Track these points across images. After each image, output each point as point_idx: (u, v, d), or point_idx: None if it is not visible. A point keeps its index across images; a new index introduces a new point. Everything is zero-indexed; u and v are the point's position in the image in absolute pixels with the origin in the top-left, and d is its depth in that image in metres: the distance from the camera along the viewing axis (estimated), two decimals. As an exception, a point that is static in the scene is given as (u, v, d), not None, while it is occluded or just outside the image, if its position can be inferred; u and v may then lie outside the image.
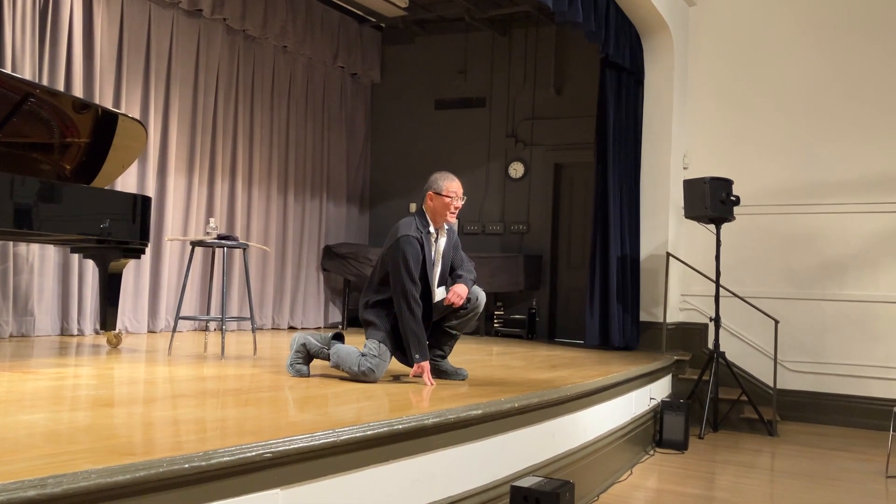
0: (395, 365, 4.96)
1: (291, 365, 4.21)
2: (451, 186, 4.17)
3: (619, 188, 7.46)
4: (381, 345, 4.06)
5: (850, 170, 7.28)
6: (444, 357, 4.36)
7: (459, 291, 4.15)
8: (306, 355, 4.24)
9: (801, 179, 7.47)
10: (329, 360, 4.16)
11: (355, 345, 4.19)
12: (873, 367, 7.04)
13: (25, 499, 1.72)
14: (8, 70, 5.86)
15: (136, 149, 5.67)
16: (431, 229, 4.17)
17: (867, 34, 7.29)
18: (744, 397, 6.62)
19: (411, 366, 4.10)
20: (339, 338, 4.22)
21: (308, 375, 4.20)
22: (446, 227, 4.29)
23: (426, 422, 2.95)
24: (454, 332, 4.31)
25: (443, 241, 4.26)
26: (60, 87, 6.34)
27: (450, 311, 4.24)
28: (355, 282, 9.16)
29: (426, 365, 4.04)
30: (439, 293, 4.21)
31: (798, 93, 7.53)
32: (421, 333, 4.03)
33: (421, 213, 4.20)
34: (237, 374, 4.28)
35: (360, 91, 9.96)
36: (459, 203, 4.20)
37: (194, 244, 5.49)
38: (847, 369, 7.14)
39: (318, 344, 4.21)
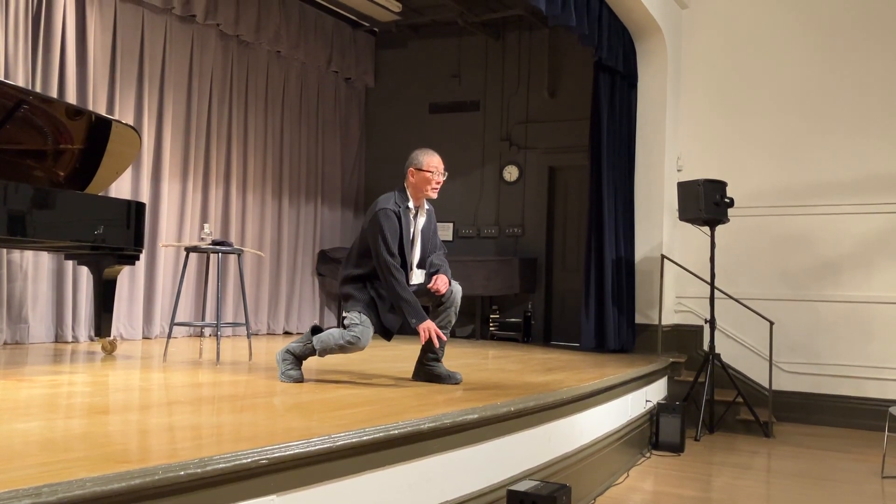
0: (396, 369, 4.95)
1: (283, 373, 4.21)
2: (431, 162, 4.22)
3: (613, 191, 7.48)
4: (362, 314, 4.10)
5: (843, 171, 7.31)
6: (438, 360, 4.35)
7: (444, 279, 4.20)
8: (294, 360, 4.24)
9: (795, 181, 7.49)
10: (319, 355, 4.17)
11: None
12: (868, 368, 7.06)
13: (20, 508, 1.72)
14: (1, 77, 5.84)
15: (129, 155, 5.66)
16: (411, 205, 4.21)
17: (859, 35, 7.32)
18: (739, 399, 6.63)
19: (390, 338, 4.18)
20: (317, 330, 4.25)
21: (302, 380, 4.19)
22: (426, 207, 4.32)
23: (422, 426, 2.95)
24: (439, 327, 4.29)
25: (422, 219, 4.30)
26: (54, 93, 6.33)
27: (429, 300, 4.24)
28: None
29: (428, 324, 4.05)
30: (417, 275, 4.24)
31: (791, 94, 7.56)
32: (411, 298, 4.06)
33: (402, 190, 4.24)
34: (232, 381, 4.27)
35: (354, 95, 9.97)
36: (441, 178, 4.25)
37: (189, 250, 5.48)
38: (842, 370, 7.16)
39: (300, 343, 4.23)
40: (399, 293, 4.03)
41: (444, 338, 4.15)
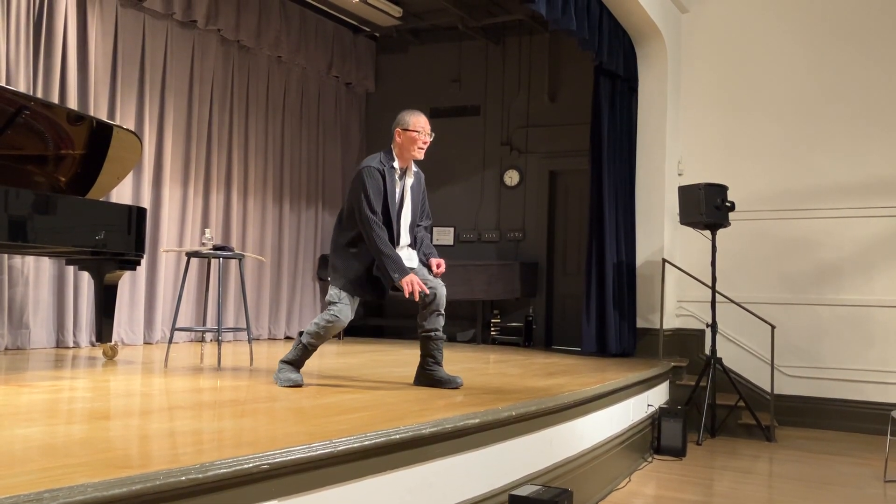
0: (397, 374, 4.95)
1: (283, 379, 4.21)
2: (418, 122, 4.24)
3: (614, 195, 7.47)
4: (342, 290, 4.15)
5: (843, 174, 7.30)
6: (439, 364, 4.34)
7: (443, 262, 4.31)
8: (290, 366, 4.27)
9: (796, 184, 7.49)
10: (309, 347, 4.23)
11: None
12: (870, 372, 7.05)
13: (21, 513, 1.72)
14: (2, 82, 5.85)
15: (131, 160, 5.67)
16: (396, 164, 4.24)
17: (857, 40, 7.32)
18: (741, 403, 6.62)
19: (384, 295, 4.18)
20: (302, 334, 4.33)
21: (301, 383, 4.20)
22: (414, 169, 4.35)
23: (423, 431, 2.94)
24: (429, 333, 4.28)
25: (410, 179, 4.32)
26: (55, 98, 6.33)
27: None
28: (351, 291, 9.16)
29: (410, 277, 4.05)
30: (406, 255, 4.24)
31: (791, 98, 7.56)
32: (393, 253, 4.08)
33: (388, 150, 4.27)
34: (233, 386, 4.27)
35: (354, 100, 9.98)
36: (427, 138, 4.26)
37: (190, 255, 5.49)
38: (844, 374, 7.15)
39: (291, 350, 4.29)
40: (380, 248, 4.06)
41: (427, 290, 4.15)
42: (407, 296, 4.06)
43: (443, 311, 4.28)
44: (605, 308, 7.32)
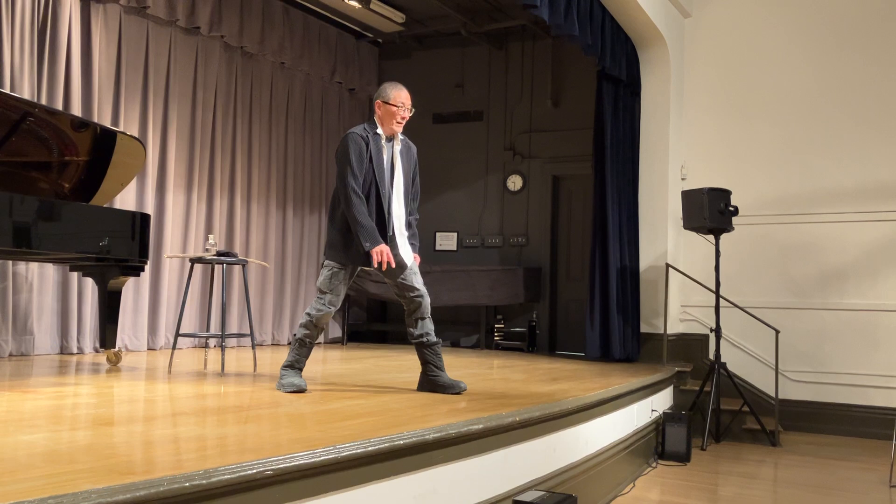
0: (400, 380, 4.95)
1: (286, 384, 4.21)
2: (399, 95, 4.27)
3: (617, 200, 7.47)
4: (338, 266, 4.24)
5: (847, 179, 7.30)
6: (441, 370, 4.34)
7: (418, 258, 4.40)
8: (293, 370, 4.28)
9: (799, 189, 7.48)
10: (306, 339, 4.29)
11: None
12: (875, 376, 7.03)
13: (25, 520, 1.72)
14: (6, 89, 5.87)
15: (134, 166, 5.68)
16: (380, 131, 4.26)
17: (861, 45, 7.32)
18: (745, 408, 6.61)
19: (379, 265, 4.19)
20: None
21: (305, 387, 4.21)
22: (401, 137, 4.37)
23: (427, 437, 2.94)
24: (420, 339, 4.29)
25: (398, 146, 4.34)
26: (59, 105, 6.36)
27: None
28: (355, 296, 9.17)
29: (381, 248, 4.09)
30: (404, 250, 4.25)
31: (794, 103, 7.56)
32: (367, 223, 4.11)
33: (370, 121, 4.31)
34: (237, 391, 4.27)
35: (357, 106, 9.99)
36: (406, 113, 4.29)
37: (193, 261, 5.49)
38: (848, 378, 7.13)
39: (290, 351, 4.33)
40: (356, 216, 4.10)
41: (394, 263, 4.19)
42: (375, 266, 4.11)
43: (428, 316, 4.31)
44: (609, 313, 7.31)
